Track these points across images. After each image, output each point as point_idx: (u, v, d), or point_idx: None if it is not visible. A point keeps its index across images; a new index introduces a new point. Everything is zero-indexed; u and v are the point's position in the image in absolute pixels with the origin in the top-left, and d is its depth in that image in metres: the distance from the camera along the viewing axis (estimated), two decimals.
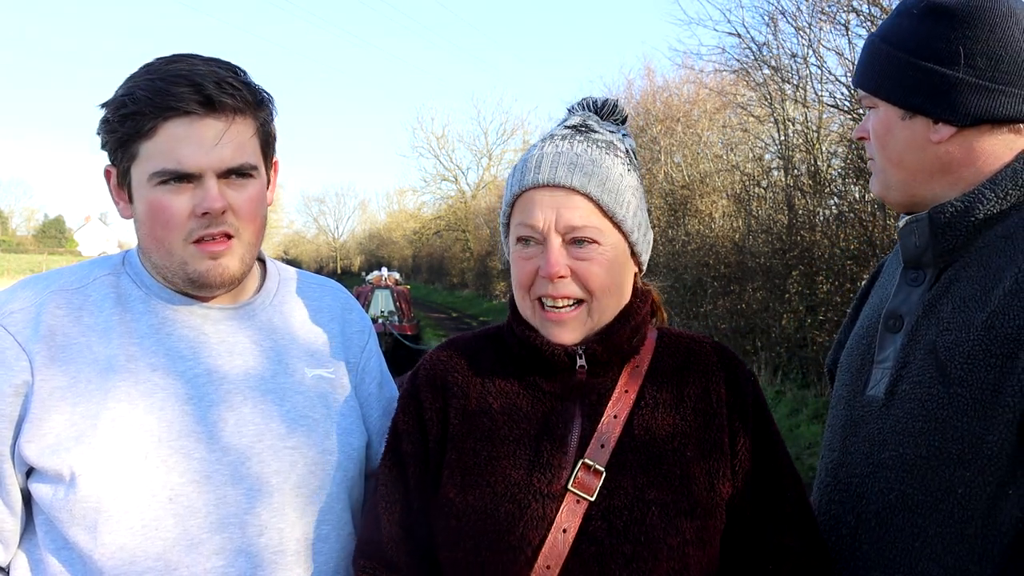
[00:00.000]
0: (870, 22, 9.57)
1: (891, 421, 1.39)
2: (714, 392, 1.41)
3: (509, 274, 1.45)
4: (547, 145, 1.40)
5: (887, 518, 1.37)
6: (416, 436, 1.44)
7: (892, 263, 1.65)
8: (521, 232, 1.37)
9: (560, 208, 1.34)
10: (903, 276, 1.49)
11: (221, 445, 1.38)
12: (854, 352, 1.56)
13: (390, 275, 26.34)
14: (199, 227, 1.36)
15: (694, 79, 15.70)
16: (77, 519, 1.31)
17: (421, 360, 1.52)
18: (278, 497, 1.41)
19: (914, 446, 1.34)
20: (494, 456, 1.36)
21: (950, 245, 1.40)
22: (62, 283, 1.43)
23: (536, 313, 1.39)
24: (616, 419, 1.37)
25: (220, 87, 1.34)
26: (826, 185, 11.25)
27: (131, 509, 1.31)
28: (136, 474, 1.32)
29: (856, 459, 1.45)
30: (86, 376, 1.35)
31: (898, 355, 1.42)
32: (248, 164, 1.40)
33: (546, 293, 1.36)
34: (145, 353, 1.39)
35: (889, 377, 1.42)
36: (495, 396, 1.42)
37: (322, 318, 1.61)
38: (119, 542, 1.30)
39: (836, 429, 1.53)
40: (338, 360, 1.59)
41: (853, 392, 1.51)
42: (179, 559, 1.33)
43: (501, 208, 1.47)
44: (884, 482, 1.38)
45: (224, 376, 1.43)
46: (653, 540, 1.28)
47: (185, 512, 1.34)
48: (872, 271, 1.78)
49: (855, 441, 1.46)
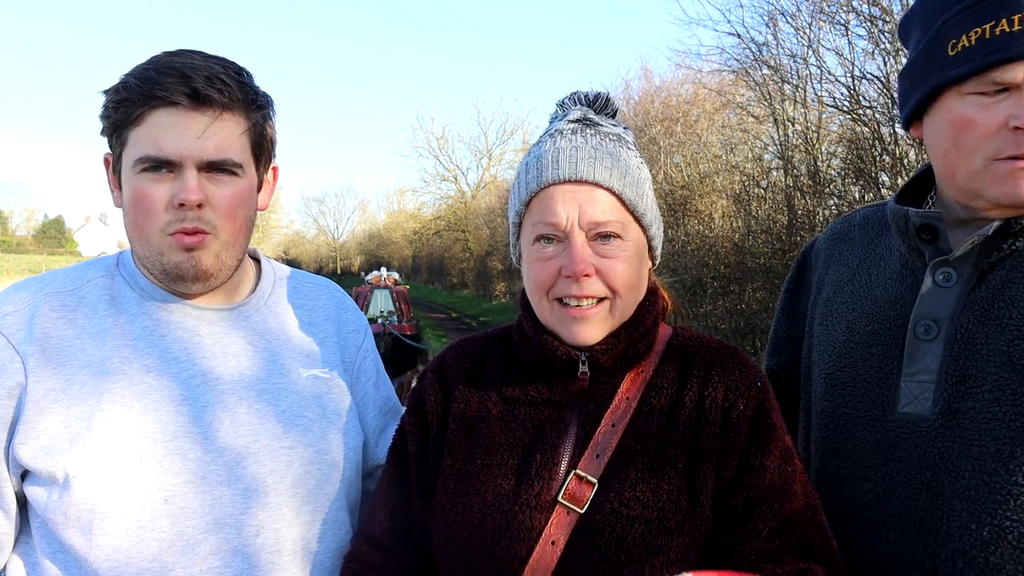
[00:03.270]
0: (870, 22, 9.57)
1: (960, 443, 1.21)
2: (709, 397, 1.31)
3: (509, 275, 1.43)
4: (559, 140, 1.34)
5: (980, 556, 1.18)
6: (419, 438, 1.43)
7: (845, 252, 1.50)
8: (541, 231, 1.31)
9: (583, 204, 1.29)
10: (933, 275, 1.32)
11: (216, 446, 1.38)
12: (858, 362, 1.38)
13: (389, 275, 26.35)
14: (175, 219, 1.36)
15: (693, 79, 15.70)
16: (72, 521, 1.30)
17: (431, 361, 1.51)
18: (274, 497, 1.41)
19: (1006, 472, 1.17)
20: (486, 464, 1.34)
21: (1011, 248, 1.27)
22: (56, 285, 1.43)
23: (555, 313, 1.33)
24: (615, 428, 1.31)
25: (210, 82, 1.35)
26: (826, 185, 11.25)
27: (126, 510, 1.31)
28: (130, 475, 1.31)
29: (912, 489, 1.26)
30: (80, 378, 1.35)
31: (945, 367, 1.26)
32: (231, 161, 1.38)
33: (569, 293, 1.30)
34: (139, 355, 1.39)
35: (935, 392, 1.26)
36: (495, 402, 1.40)
37: (317, 318, 1.61)
38: (114, 543, 1.30)
39: (862, 455, 1.33)
40: (333, 360, 1.59)
41: (873, 410, 1.33)
42: (175, 560, 1.32)
43: (511, 208, 1.40)
44: (968, 515, 1.19)
45: (219, 377, 1.43)
46: (635, 559, 1.22)
47: (180, 513, 1.33)
48: (799, 256, 1.63)
49: (901, 468, 1.28)
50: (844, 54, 10.31)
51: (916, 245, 1.36)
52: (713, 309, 13.26)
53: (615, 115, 1.45)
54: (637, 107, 18.14)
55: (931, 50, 1.32)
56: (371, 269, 32.35)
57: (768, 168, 13.23)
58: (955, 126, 1.28)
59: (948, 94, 1.30)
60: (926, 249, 1.35)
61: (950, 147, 1.30)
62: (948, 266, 1.30)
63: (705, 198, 14.52)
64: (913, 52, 1.38)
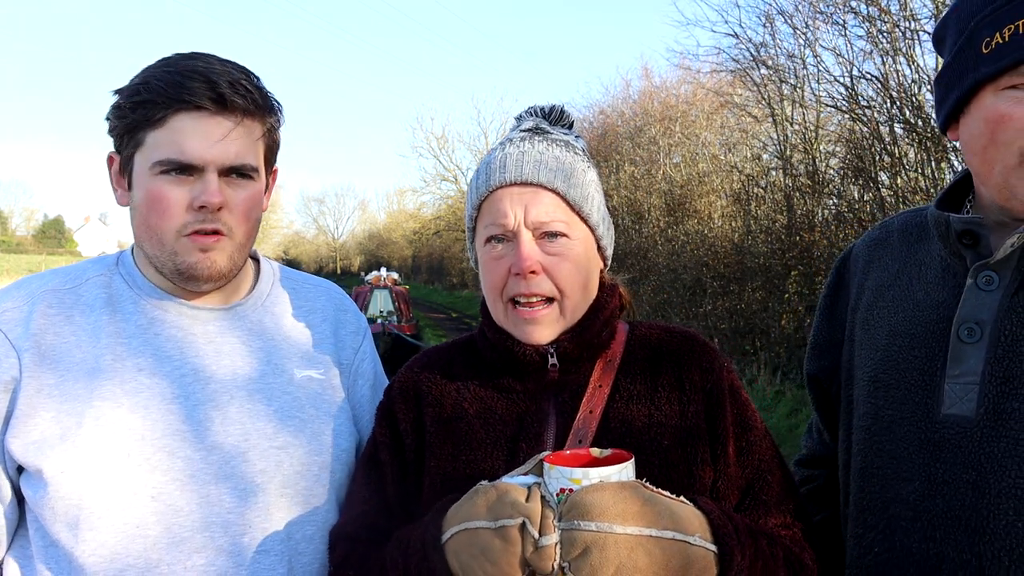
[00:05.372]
0: (868, 22, 9.59)
1: (1006, 444, 1.24)
2: (687, 379, 1.40)
3: None
4: (508, 147, 1.42)
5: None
6: (393, 447, 1.44)
7: (885, 257, 1.54)
8: (492, 231, 1.38)
9: (528, 204, 1.36)
10: (975, 279, 1.34)
11: (206, 444, 1.39)
12: (901, 364, 1.40)
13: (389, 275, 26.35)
14: (194, 221, 1.38)
15: (691, 79, 15.72)
16: (60, 516, 1.32)
17: (400, 370, 1.52)
18: (263, 497, 1.42)
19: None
20: (471, 460, 1.37)
21: None
22: (55, 283, 1.44)
23: (509, 315, 1.39)
24: (592, 414, 1.37)
25: (233, 87, 1.37)
26: (825, 185, 11.26)
27: (113, 507, 1.32)
28: (118, 473, 1.32)
29: (957, 489, 1.27)
30: (73, 376, 1.36)
31: (989, 369, 1.28)
32: (249, 165, 1.42)
33: (519, 292, 1.36)
34: (132, 353, 1.40)
35: (979, 394, 1.28)
36: (470, 402, 1.42)
37: (314, 319, 1.62)
38: (100, 539, 1.31)
39: (906, 455, 1.35)
40: (329, 361, 1.59)
41: (917, 411, 1.35)
42: (160, 557, 1.33)
43: (466, 214, 1.47)
44: (1015, 514, 1.21)
45: (211, 376, 1.44)
46: None
47: (167, 511, 1.34)
48: (837, 262, 1.65)
49: (946, 468, 1.29)
50: (842, 53, 10.33)
51: (957, 249, 1.38)
52: (713, 309, 13.27)
53: (571, 126, 1.53)
54: (636, 106, 18.17)
55: (965, 51, 1.34)
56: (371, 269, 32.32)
57: (767, 168, 13.25)
58: (991, 123, 1.29)
59: (984, 92, 1.31)
60: (967, 253, 1.36)
61: (988, 144, 1.31)
62: (990, 269, 1.32)
63: (704, 198, 14.54)
64: (948, 57, 1.40)
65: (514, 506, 1.13)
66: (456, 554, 1.17)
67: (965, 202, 1.47)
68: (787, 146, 12.06)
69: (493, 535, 1.13)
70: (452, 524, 1.19)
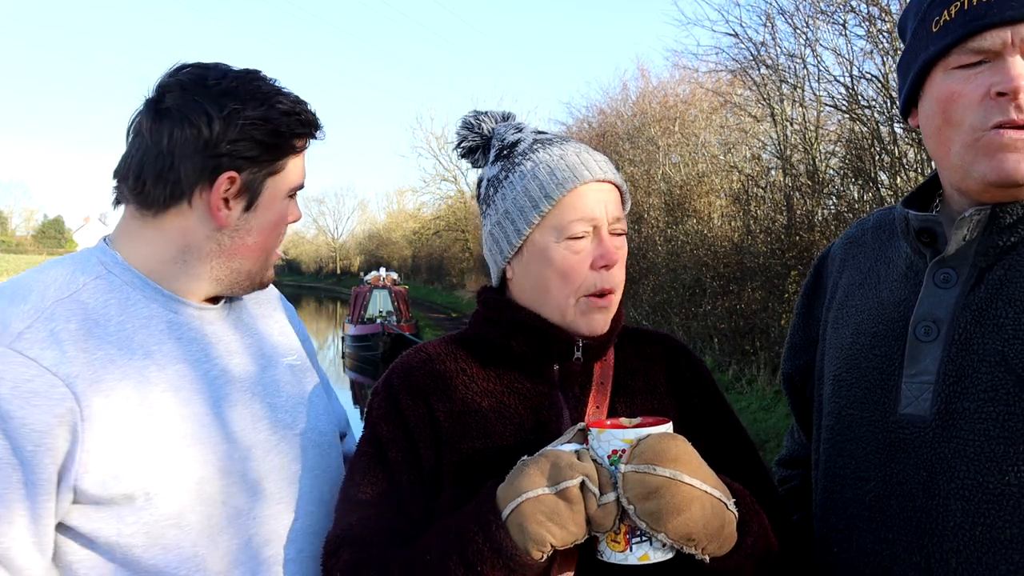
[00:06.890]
0: (868, 22, 9.59)
1: (956, 444, 1.22)
2: (679, 375, 1.50)
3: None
4: (553, 148, 1.44)
5: (973, 555, 1.18)
6: (403, 445, 1.41)
7: (859, 256, 1.52)
8: (580, 227, 1.39)
9: (607, 202, 1.42)
10: (932, 277, 1.32)
11: (238, 440, 1.40)
12: (862, 363, 1.38)
13: (388, 275, 26.36)
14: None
15: (690, 79, 15.73)
16: (155, 539, 1.28)
17: (391, 367, 1.50)
18: (287, 489, 1.45)
19: (999, 472, 1.17)
20: (494, 454, 1.36)
21: (1006, 244, 1.26)
22: (55, 292, 1.32)
23: (578, 306, 1.41)
24: (599, 410, 1.42)
25: None
26: (824, 185, 11.26)
27: (185, 511, 1.32)
28: (174, 469, 1.31)
29: (909, 489, 1.26)
30: (121, 388, 1.29)
31: (944, 367, 1.26)
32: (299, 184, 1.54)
33: (604, 286, 1.40)
34: (168, 358, 1.37)
35: (933, 393, 1.26)
36: (480, 396, 1.42)
37: (272, 309, 1.67)
38: (184, 548, 1.32)
39: (864, 455, 1.34)
40: (298, 347, 1.65)
41: (876, 411, 1.34)
42: (205, 552, 1.33)
43: (524, 211, 1.42)
44: (962, 515, 1.20)
45: (233, 375, 1.46)
46: None
47: (209, 504, 1.34)
48: (816, 261, 1.64)
49: (900, 468, 1.28)
50: (842, 53, 10.33)
51: (918, 247, 1.37)
52: (712, 309, 13.27)
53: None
54: (634, 106, 18.16)
55: (918, 33, 1.33)
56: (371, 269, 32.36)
57: (766, 167, 13.25)
58: (942, 102, 1.28)
59: (935, 72, 1.30)
60: (926, 251, 1.35)
61: (942, 124, 1.29)
62: (948, 267, 1.30)
63: (703, 198, 14.53)
64: (906, 42, 1.39)
65: (572, 467, 1.18)
66: (520, 527, 1.18)
67: (935, 198, 1.45)
68: (787, 146, 12.06)
69: (557, 499, 1.17)
70: (510, 498, 1.20)
